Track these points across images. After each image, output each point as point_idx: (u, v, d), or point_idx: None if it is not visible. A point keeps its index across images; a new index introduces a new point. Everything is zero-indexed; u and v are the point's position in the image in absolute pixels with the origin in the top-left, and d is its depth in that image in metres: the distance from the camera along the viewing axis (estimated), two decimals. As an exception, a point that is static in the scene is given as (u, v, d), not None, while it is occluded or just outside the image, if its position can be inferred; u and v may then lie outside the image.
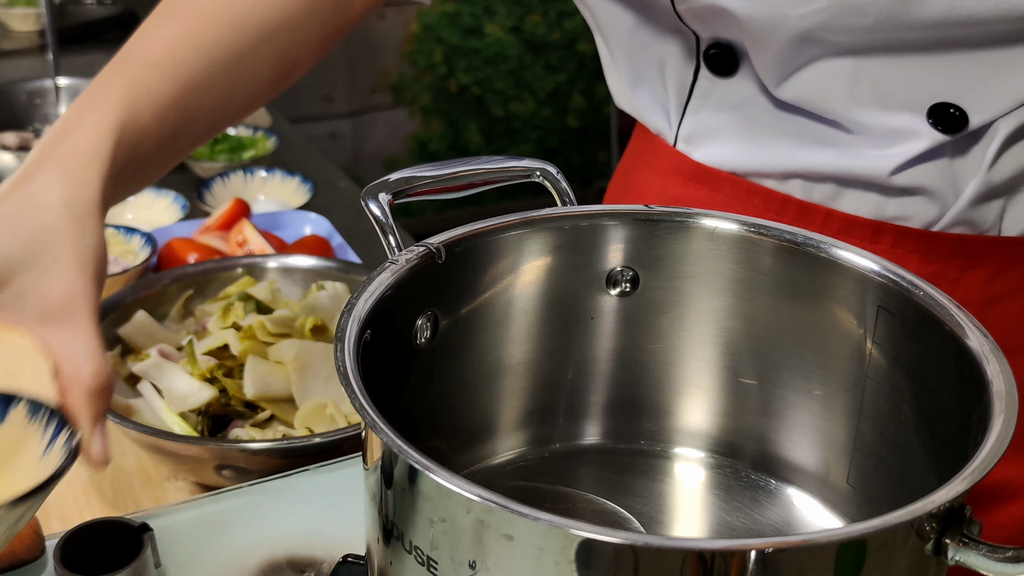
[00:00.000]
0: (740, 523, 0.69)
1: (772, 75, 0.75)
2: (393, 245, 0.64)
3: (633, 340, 0.71)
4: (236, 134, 1.53)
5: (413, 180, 0.66)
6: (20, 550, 0.72)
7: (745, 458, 0.72)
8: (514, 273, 0.68)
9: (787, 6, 0.70)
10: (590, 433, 0.74)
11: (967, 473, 0.49)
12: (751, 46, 0.75)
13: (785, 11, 0.70)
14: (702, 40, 0.79)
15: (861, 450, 0.66)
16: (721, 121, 0.81)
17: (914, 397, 0.62)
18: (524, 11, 3.08)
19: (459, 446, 0.71)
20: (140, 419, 0.92)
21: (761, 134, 0.79)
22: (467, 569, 0.50)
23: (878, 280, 0.63)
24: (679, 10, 0.76)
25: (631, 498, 0.70)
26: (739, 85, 0.79)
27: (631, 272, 0.69)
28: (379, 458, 0.54)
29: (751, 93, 0.78)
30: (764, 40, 0.73)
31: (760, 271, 0.68)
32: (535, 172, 0.70)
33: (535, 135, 3.19)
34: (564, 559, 0.47)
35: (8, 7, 2.01)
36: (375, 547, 0.57)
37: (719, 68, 0.79)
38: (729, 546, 0.49)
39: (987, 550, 0.48)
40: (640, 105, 0.86)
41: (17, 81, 1.56)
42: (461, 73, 3.07)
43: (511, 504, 0.47)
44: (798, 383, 0.69)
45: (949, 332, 0.59)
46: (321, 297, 1.04)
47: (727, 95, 0.79)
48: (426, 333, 0.65)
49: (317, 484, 0.80)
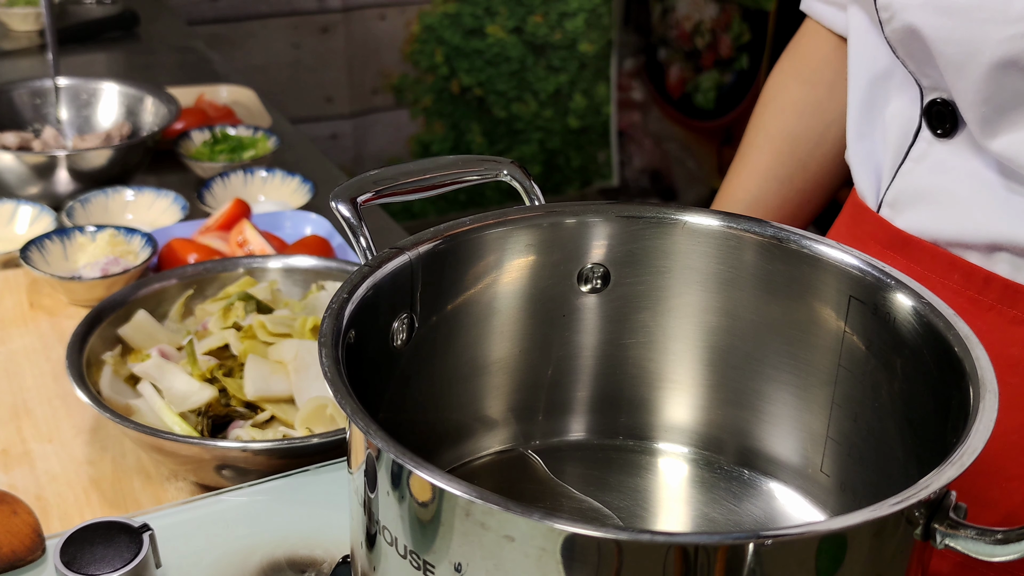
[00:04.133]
0: (720, 516, 0.70)
1: (977, 118, 0.71)
2: (364, 247, 0.64)
3: (612, 336, 0.72)
4: (236, 134, 1.53)
5: (381, 181, 0.66)
6: (21, 550, 0.72)
7: (724, 452, 0.73)
8: (490, 272, 0.69)
9: (987, 28, 0.67)
10: (570, 430, 0.75)
11: (956, 457, 0.49)
12: (952, 82, 0.72)
13: (985, 34, 0.67)
14: (925, 93, 0.76)
15: (835, 439, 0.67)
16: (930, 185, 0.78)
17: (889, 385, 0.63)
18: (526, 12, 3.08)
19: (440, 445, 0.71)
20: (140, 419, 0.92)
21: (969, 200, 0.75)
22: (453, 570, 0.51)
23: (851, 271, 0.64)
24: (887, 34, 0.75)
25: (612, 494, 0.71)
26: (956, 149, 0.75)
27: (602, 269, 0.70)
28: (364, 461, 0.54)
29: (966, 159, 0.75)
30: (961, 69, 0.70)
31: (735, 265, 0.68)
32: (502, 171, 0.70)
33: (537, 136, 3.19)
34: (550, 555, 0.48)
35: (8, 7, 2.01)
36: (359, 551, 0.57)
37: (939, 127, 0.76)
38: (727, 540, 0.49)
39: (976, 533, 0.49)
40: (856, 160, 0.85)
41: (17, 81, 1.56)
42: (463, 74, 3.07)
43: (505, 502, 0.47)
44: (775, 375, 0.69)
45: (924, 320, 0.59)
46: (321, 297, 1.04)
47: (942, 159, 0.77)
48: (402, 335, 0.65)
49: (317, 484, 0.80)
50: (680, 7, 3.04)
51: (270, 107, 1.73)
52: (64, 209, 1.31)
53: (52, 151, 1.40)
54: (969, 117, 0.72)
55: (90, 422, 0.98)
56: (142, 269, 1.16)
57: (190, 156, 1.49)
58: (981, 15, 0.68)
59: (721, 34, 2.92)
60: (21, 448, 0.95)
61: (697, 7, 2.98)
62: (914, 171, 0.79)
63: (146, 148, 1.43)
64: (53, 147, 1.46)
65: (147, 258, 1.17)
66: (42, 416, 1.00)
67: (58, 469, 0.93)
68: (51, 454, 0.95)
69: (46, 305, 1.17)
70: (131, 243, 1.21)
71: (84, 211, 1.32)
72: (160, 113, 1.51)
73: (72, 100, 1.55)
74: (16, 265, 1.23)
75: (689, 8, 3.01)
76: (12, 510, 0.75)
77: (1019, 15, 0.66)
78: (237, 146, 1.51)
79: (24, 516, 0.74)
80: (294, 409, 0.93)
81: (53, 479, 0.92)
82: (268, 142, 1.52)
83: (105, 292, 1.13)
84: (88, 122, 1.55)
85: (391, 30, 2.97)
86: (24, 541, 0.73)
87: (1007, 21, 0.66)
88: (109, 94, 1.55)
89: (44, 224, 1.29)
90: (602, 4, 3.16)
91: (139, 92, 1.54)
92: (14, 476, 0.92)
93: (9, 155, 1.34)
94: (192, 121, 1.56)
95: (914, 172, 0.79)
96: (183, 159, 1.47)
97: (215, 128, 1.53)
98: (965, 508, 0.50)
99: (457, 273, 0.67)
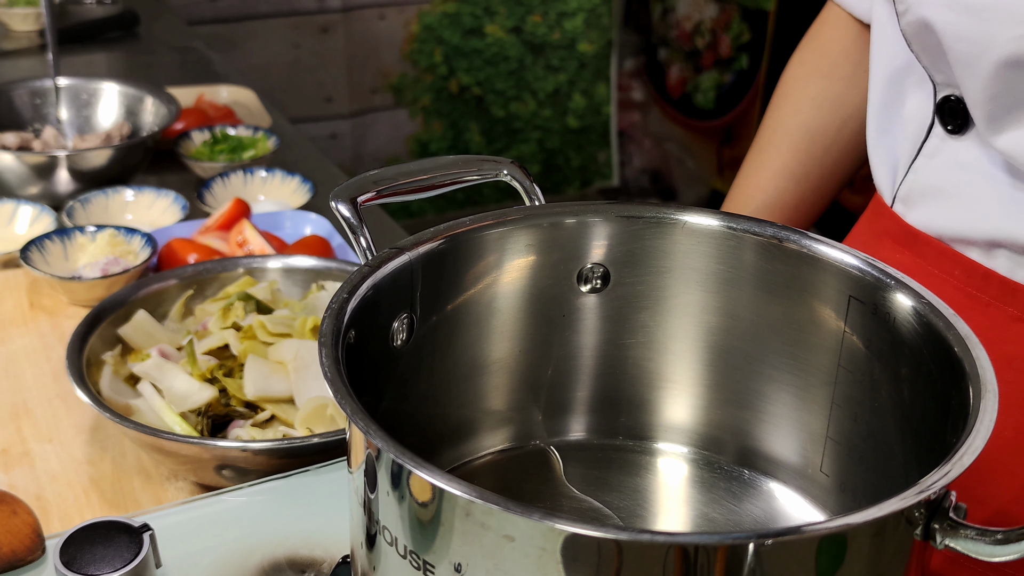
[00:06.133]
0: (720, 516, 0.70)
1: (984, 115, 0.72)
2: (364, 247, 0.64)
3: (611, 336, 0.72)
4: (236, 134, 1.53)
5: (381, 181, 0.66)
6: (21, 550, 0.72)
7: (724, 452, 0.73)
8: (490, 272, 0.69)
9: (997, 26, 0.67)
10: (570, 430, 0.75)
11: (956, 457, 0.49)
12: (961, 78, 0.72)
13: (994, 32, 0.67)
14: (938, 89, 0.77)
15: (835, 439, 0.67)
16: (939, 182, 0.78)
17: (888, 385, 0.63)
18: (525, 11, 3.08)
19: (440, 445, 0.71)
20: (140, 419, 0.92)
21: (973, 196, 0.76)
22: (453, 570, 0.51)
23: (851, 271, 0.64)
24: (902, 26, 0.75)
25: (612, 494, 0.71)
26: (967, 146, 0.76)
27: (602, 269, 0.70)
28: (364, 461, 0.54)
29: (976, 156, 0.75)
30: (970, 66, 0.70)
31: (735, 265, 0.68)
32: (502, 171, 0.70)
33: (536, 135, 3.19)
34: (550, 555, 0.48)
35: (8, 7, 2.01)
36: (359, 551, 0.57)
37: (951, 124, 0.76)
38: (727, 540, 0.49)
39: (976, 533, 0.49)
40: (875, 157, 0.85)
41: (17, 81, 1.56)
42: (462, 73, 3.07)
43: (505, 502, 0.47)
44: (775, 375, 0.69)
45: (924, 320, 0.59)
46: (321, 297, 1.04)
47: (953, 156, 0.77)
48: (402, 335, 0.65)
49: (317, 484, 0.80)
50: (680, 7, 3.04)
51: (270, 107, 1.73)
52: (64, 209, 1.32)
53: (52, 151, 1.40)
54: (976, 114, 0.73)
55: (90, 422, 0.98)
56: (142, 269, 1.16)
57: (190, 156, 1.49)
58: (992, 13, 0.68)
59: (721, 34, 2.92)
60: (21, 448, 0.95)
61: (697, 7, 2.98)
62: (926, 167, 0.79)
63: (146, 148, 1.43)
64: (53, 147, 1.46)
65: (147, 258, 1.17)
66: (42, 416, 1.00)
67: (58, 469, 0.93)
68: (51, 454, 0.95)
69: (46, 305, 1.17)
70: (131, 243, 1.21)
71: (84, 211, 1.32)
72: (160, 113, 1.51)
73: (72, 100, 1.55)
74: (16, 265, 1.23)
75: (689, 8, 3.01)
76: (12, 510, 0.75)
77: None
78: (237, 146, 1.51)
79: (24, 516, 0.74)
80: (294, 409, 0.93)
81: (53, 479, 0.92)
82: (268, 142, 1.52)
83: (105, 292, 1.13)
84: (88, 122, 1.55)
85: (390, 30, 2.97)
86: (24, 541, 0.73)
87: (1017, 21, 0.67)
88: (109, 94, 1.55)
89: (44, 224, 1.30)
90: (602, 4, 3.16)
91: (139, 92, 1.54)
92: (14, 476, 0.92)
93: (9, 155, 1.34)
94: (192, 121, 1.56)
95: (926, 168, 0.79)
96: (183, 159, 1.47)
97: (215, 128, 1.53)
98: (965, 508, 0.50)
99: (457, 273, 0.67)
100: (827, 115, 0.97)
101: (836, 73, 0.97)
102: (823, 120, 0.97)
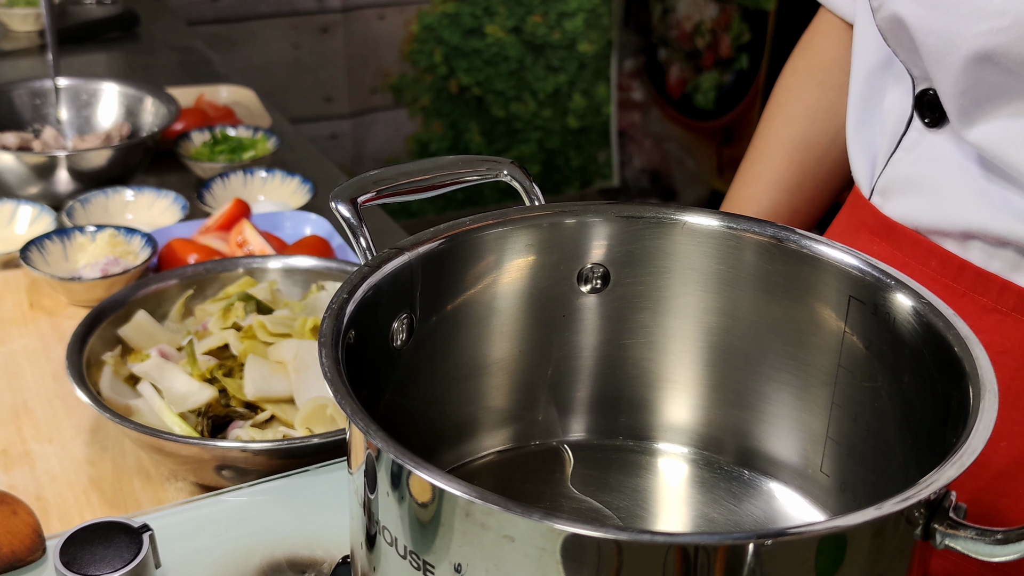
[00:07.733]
0: (720, 516, 0.70)
1: (956, 109, 0.72)
2: (364, 247, 0.64)
3: (612, 337, 0.72)
4: (236, 135, 1.53)
5: (381, 181, 0.66)
6: (21, 550, 0.72)
7: (724, 452, 0.73)
8: (490, 272, 0.69)
9: (965, 21, 0.68)
10: (570, 430, 0.75)
11: (956, 457, 0.49)
12: (933, 72, 0.73)
13: (963, 27, 0.68)
14: (916, 83, 0.77)
15: (835, 439, 0.67)
16: (916, 174, 0.79)
17: (888, 385, 0.63)
18: (525, 11, 3.08)
19: (440, 445, 0.71)
20: (140, 419, 0.92)
21: (949, 188, 0.76)
22: (453, 570, 0.51)
23: (851, 271, 0.64)
24: (877, 22, 0.76)
25: (612, 494, 0.71)
26: (943, 139, 0.76)
27: (602, 269, 0.70)
28: (364, 461, 0.54)
29: (951, 149, 0.76)
30: (941, 60, 0.71)
31: (735, 265, 0.68)
32: (502, 171, 0.70)
33: (536, 136, 3.19)
34: (550, 555, 0.48)
35: (8, 7, 2.01)
36: (359, 551, 0.57)
37: (928, 116, 0.77)
38: (727, 540, 0.49)
39: (976, 533, 0.49)
40: (854, 150, 0.85)
41: (17, 81, 1.56)
42: (462, 74, 3.07)
43: (505, 502, 0.47)
44: (775, 376, 0.69)
45: (924, 320, 0.59)
46: (321, 297, 1.04)
47: (930, 149, 0.77)
48: (402, 335, 0.65)
49: (317, 484, 0.80)
50: (680, 7, 3.04)
51: (270, 107, 1.73)
52: (64, 209, 1.32)
53: (52, 151, 1.40)
54: (949, 107, 0.73)
55: (90, 422, 0.98)
56: (142, 269, 1.16)
57: (190, 156, 1.49)
58: (959, 8, 0.69)
59: (721, 34, 2.92)
60: (21, 448, 0.95)
61: (697, 7, 2.98)
62: (904, 160, 0.80)
63: (146, 148, 1.43)
64: (53, 147, 1.46)
65: (147, 258, 1.17)
66: (42, 416, 1.00)
67: (58, 469, 0.93)
68: (51, 454, 0.95)
69: (46, 305, 1.17)
70: (131, 243, 1.21)
71: (84, 211, 1.32)
72: (160, 113, 1.51)
73: (72, 100, 1.55)
74: (16, 265, 1.23)
75: (689, 8, 3.01)
76: (12, 510, 0.75)
77: (996, 10, 0.67)
78: (237, 146, 1.51)
79: (24, 516, 0.74)
80: (294, 409, 0.93)
81: (53, 479, 0.92)
82: (268, 142, 1.52)
83: (105, 292, 1.13)
84: (88, 122, 1.55)
85: (390, 30, 2.97)
86: (24, 541, 0.73)
87: (984, 16, 0.67)
88: (109, 94, 1.55)
89: (44, 224, 1.30)
90: (602, 4, 3.16)
91: (139, 92, 1.54)
92: (14, 476, 0.92)
93: (9, 155, 1.34)
94: (192, 121, 1.56)
95: (904, 161, 0.80)
96: (183, 159, 1.47)
97: (215, 128, 1.53)
98: (965, 508, 0.50)
99: (457, 273, 0.67)
100: (820, 125, 0.98)
101: (829, 82, 0.97)
102: (816, 130, 0.98)
